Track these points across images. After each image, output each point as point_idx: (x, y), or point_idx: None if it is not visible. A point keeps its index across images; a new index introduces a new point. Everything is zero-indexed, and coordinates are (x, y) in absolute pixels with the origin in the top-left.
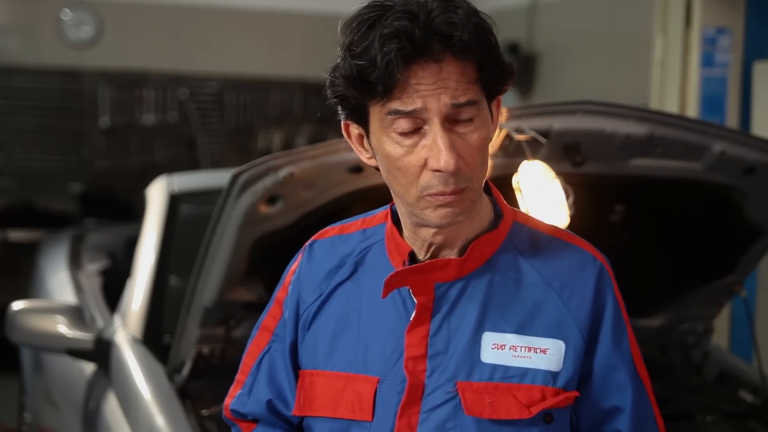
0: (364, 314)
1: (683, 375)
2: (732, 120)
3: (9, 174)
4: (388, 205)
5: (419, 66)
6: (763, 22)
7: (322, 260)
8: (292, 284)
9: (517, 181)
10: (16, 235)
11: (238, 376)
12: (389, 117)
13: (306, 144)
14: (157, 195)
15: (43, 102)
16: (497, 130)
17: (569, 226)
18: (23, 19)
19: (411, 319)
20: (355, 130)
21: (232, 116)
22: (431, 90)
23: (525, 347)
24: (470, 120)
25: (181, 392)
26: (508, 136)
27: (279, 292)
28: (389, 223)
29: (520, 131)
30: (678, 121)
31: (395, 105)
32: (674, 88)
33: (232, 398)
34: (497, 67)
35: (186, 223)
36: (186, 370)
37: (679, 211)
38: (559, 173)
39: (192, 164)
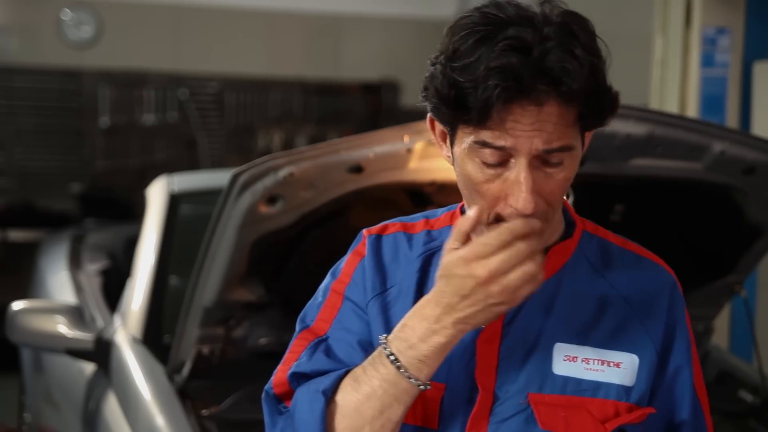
0: None
1: None
2: (732, 120)
3: (9, 174)
4: (456, 206)
5: (519, 106)
6: (763, 22)
7: (387, 256)
8: (356, 274)
9: None
10: (16, 235)
11: (281, 366)
12: (476, 145)
13: (306, 144)
14: (157, 195)
15: (43, 102)
16: None
17: None
18: (23, 19)
19: (483, 327)
20: (440, 126)
21: (232, 116)
22: (526, 131)
23: (598, 360)
24: (560, 163)
25: (181, 392)
26: None
27: (335, 284)
28: None
29: None
30: (678, 121)
31: (485, 137)
32: (674, 88)
33: (285, 372)
34: (601, 110)
35: (186, 223)
36: (186, 370)
37: (679, 211)
38: None
39: (192, 164)
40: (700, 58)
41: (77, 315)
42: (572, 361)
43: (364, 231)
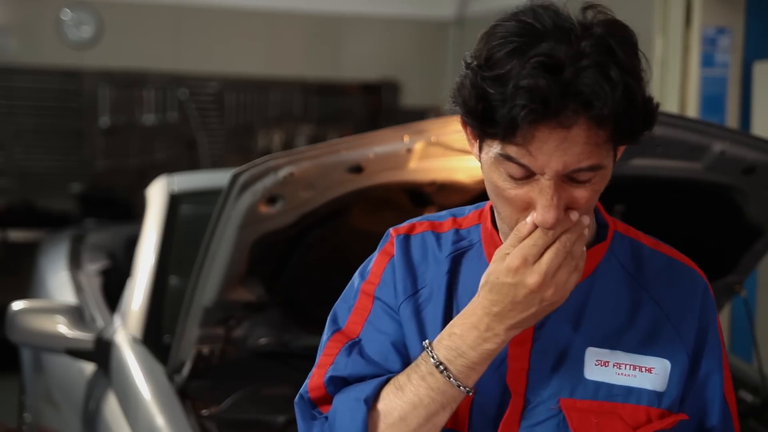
0: None
1: None
2: (732, 120)
3: (9, 174)
4: (484, 204)
5: (547, 127)
6: (763, 22)
7: (416, 257)
8: (386, 274)
9: None
10: (16, 235)
11: (316, 369)
12: (501, 157)
13: (306, 144)
14: (157, 195)
15: (43, 102)
16: None
17: None
18: (23, 19)
19: None
20: (472, 141)
21: (232, 116)
22: (552, 152)
23: (630, 365)
24: (588, 180)
25: (181, 392)
26: None
27: (365, 285)
28: (488, 226)
29: None
30: (678, 121)
31: (511, 151)
32: (674, 88)
33: (321, 376)
34: (632, 130)
35: (186, 223)
36: (186, 370)
37: (679, 211)
38: None
39: (192, 164)
40: (700, 58)
41: (77, 315)
42: (604, 366)
43: (391, 230)
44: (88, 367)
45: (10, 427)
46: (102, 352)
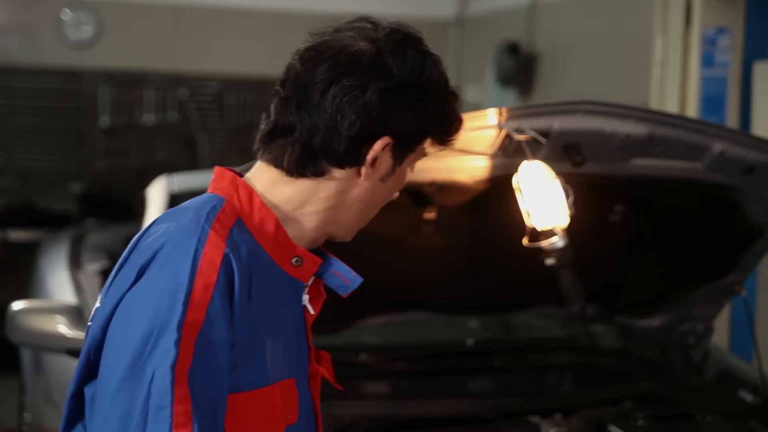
0: (270, 319)
1: (683, 375)
2: (732, 120)
3: (9, 174)
4: (216, 210)
5: None
6: (763, 22)
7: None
8: None
9: (517, 181)
10: (16, 235)
11: None
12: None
13: None
14: (157, 195)
15: (43, 102)
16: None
17: (569, 226)
18: (23, 19)
19: (312, 313)
20: (386, 154)
21: (232, 116)
22: None
23: None
24: None
25: None
26: (508, 136)
27: None
28: (275, 227)
29: (520, 131)
30: (678, 121)
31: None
32: (674, 88)
33: None
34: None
35: None
36: None
37: (679, 211)
38: (559, 173)
39: (192, 164)
40: (700, 58)
41: (77, 315)
42: None
43: None
44: None
45: (10, 427)
46: None
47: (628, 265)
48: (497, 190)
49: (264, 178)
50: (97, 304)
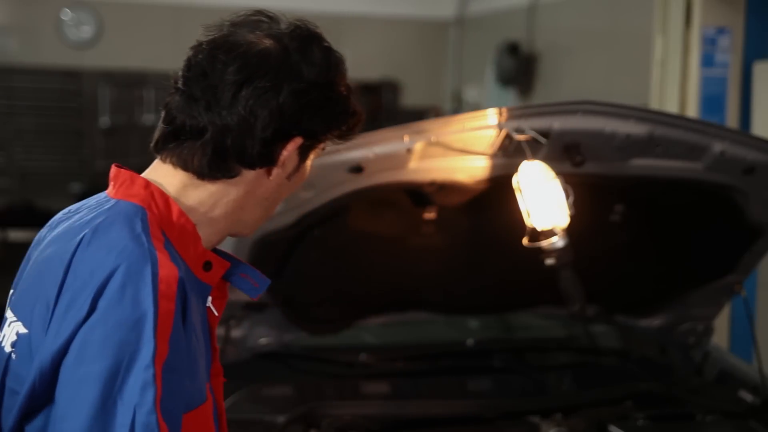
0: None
1: (683, 375)
2: (732, 120)
3: (9, 174)
4: (145, 224)
5: None
6: (763, 22)
7: None
8: None
9: (517, 181)
10: (16, 235)
11: None
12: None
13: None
14: None
15: (43, 102)
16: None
17: (569, 226)
18: (23, 19)
19: (216, 315)
20: (295, 153)
21: None
22: None
23: None
24: None
25: None
26: (508, 136)
27: None
28: (192, 234)
29: (520, 131)
30: (678, 121)
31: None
32: (674, 88)
33: None
34: None
35: None
36: None
37: (679, 211)
38: (559, 173)
39: None
40: (700, 58)
41: None
42: None
43: None
44: None
45: None
46: None
47: (628, 265)
48: (497, 190)
49: (174, 182)
50: (22, 330)
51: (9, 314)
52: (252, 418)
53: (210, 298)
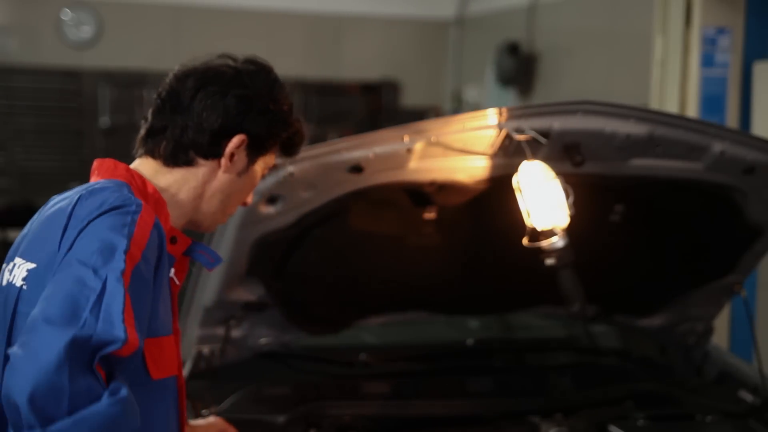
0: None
1: (683, 375)
2: (732, 120)
3: (9, 174)
4: (131, 190)
5: None
6: (763, 22)
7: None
8: None
9: (517, 181)
10: (16, 235)
11: None
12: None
13: (306, 144)
14: None
15: (43, 102)
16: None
17: (569, 226)
18: (23, 19)
19: (177, 284)
20: (242, 152)
21: None
22: None
23: None
24: None
25: None
26: (508, 136)
27: None
28: (165, 209)
29: (520, 131)
30: (678, 121)
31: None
32: (674, 88)
33: None
34: None
35: None
36: (186, 370)
37: (679, 211)
38: (559, 173)
39: None
40: (700, 58)
41: None
42: None
43: None
44: None
45: None
46: None
47: (628, 265)
48: (497, 190)
49: (147, 169)
50: (31, 266)
51: (17, 260)
52: (252, 418)
53: (173, 270)
